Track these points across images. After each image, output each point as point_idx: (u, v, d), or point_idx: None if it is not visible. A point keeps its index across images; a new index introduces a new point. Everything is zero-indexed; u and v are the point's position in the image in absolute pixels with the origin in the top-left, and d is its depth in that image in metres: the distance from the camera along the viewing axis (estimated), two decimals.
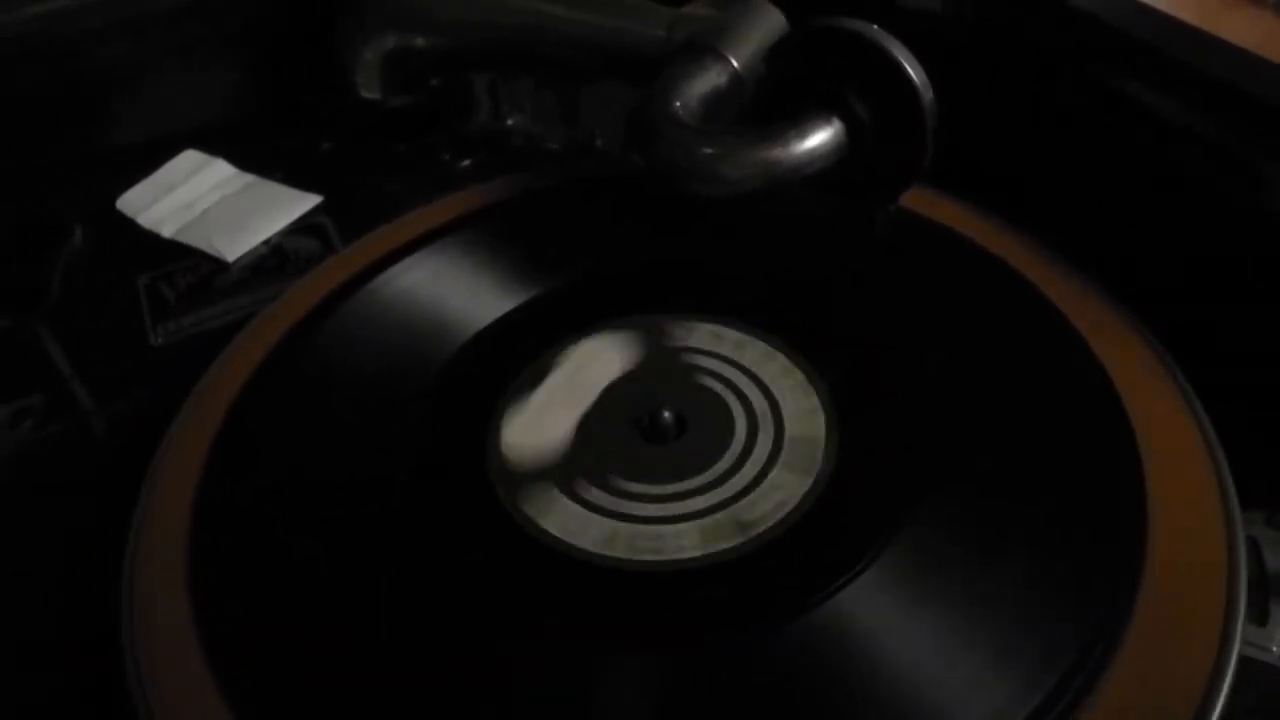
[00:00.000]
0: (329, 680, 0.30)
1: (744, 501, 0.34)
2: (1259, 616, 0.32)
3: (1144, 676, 0.28)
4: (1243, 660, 0.31)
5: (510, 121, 0.55)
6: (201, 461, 0.36)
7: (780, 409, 0.37)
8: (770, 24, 0.43)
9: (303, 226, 0.51)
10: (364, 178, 0.54)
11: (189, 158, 0.55)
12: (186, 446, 0.37)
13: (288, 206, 0.52)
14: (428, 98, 0.55)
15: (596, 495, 0.34)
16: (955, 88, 0.46)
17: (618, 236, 0.46)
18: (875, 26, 0.36)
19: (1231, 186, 0.38)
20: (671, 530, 0.33)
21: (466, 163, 0.55)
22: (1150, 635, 0.29)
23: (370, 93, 0.53)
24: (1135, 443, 0.34)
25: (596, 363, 0.40)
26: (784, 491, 0.34)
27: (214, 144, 0.56)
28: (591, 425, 0.37)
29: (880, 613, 0.30)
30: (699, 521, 0.33)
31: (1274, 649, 0.31)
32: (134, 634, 0.31)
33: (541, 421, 0.37)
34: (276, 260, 0.49)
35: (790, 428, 0.36)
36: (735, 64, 0.41)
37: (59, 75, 0.55)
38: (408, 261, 0.44)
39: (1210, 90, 0.37)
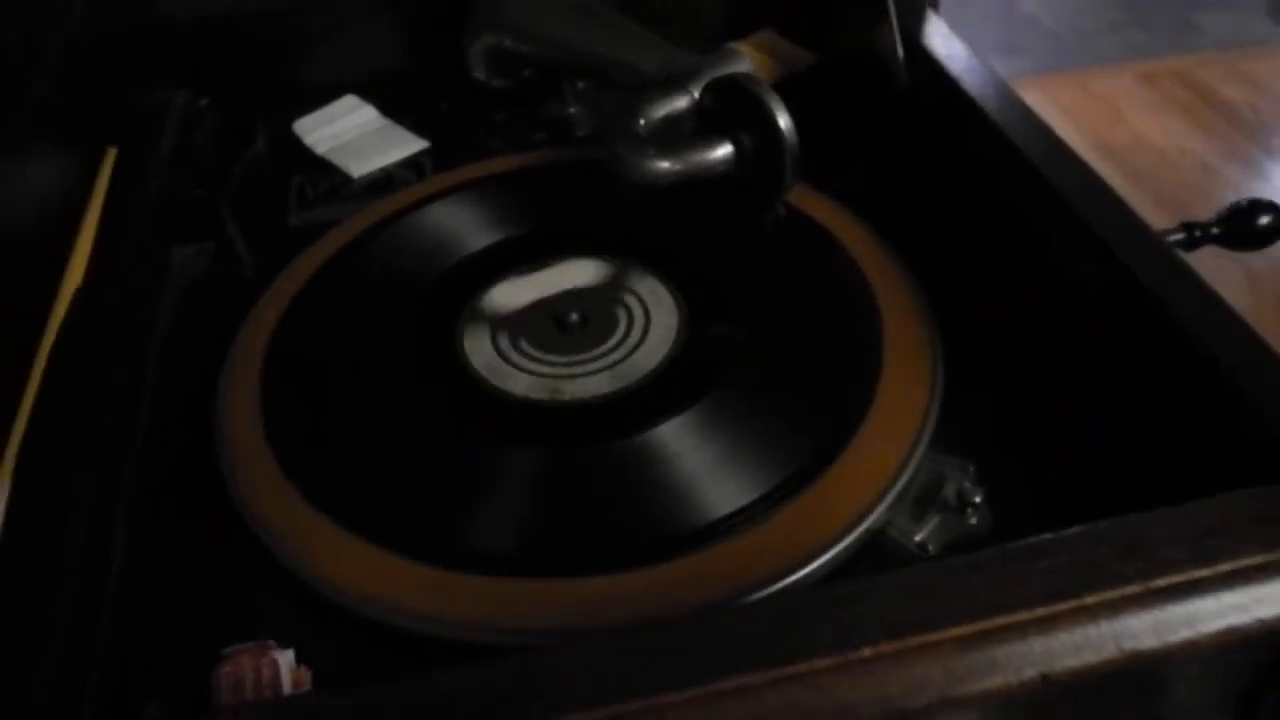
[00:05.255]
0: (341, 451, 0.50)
1: (616, 369, 0.52)
2: (917, 517, 0.47)
3: (821, 502, 0.45)
4: (884, 535, 0.47)
5: (571, 110, 0.73)
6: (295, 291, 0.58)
7: (651, 318, 0.54)
8: (735, 69, 0.60)
9: (410, 162, 0.71)
10: (463, 135, 0.74)
11: (348, 101, 0.76)
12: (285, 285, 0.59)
13: (404, 146, 0.72)
14: (520, 83, 0.75)
15: (517, 356, 0.53)
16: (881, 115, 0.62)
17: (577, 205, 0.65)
18: (766, 86, 0.52)
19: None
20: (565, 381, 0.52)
21: (541, 135, 0.74)
22: (837, 480, 0.46)
23: (478, 75, 0.73)
24: (880, 369, 0.50)
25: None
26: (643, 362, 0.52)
27: (370, 91, 0.77)
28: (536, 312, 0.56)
29: (691, 434, 0.48)
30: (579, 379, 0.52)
31: (914, 539, 0.47)
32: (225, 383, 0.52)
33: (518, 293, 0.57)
34: (384, 182, 0.70)
35: (654, 331, 0.54)
36: (695, 95, 0.58)
37: (273, 27, 0.77)
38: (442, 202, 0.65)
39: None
